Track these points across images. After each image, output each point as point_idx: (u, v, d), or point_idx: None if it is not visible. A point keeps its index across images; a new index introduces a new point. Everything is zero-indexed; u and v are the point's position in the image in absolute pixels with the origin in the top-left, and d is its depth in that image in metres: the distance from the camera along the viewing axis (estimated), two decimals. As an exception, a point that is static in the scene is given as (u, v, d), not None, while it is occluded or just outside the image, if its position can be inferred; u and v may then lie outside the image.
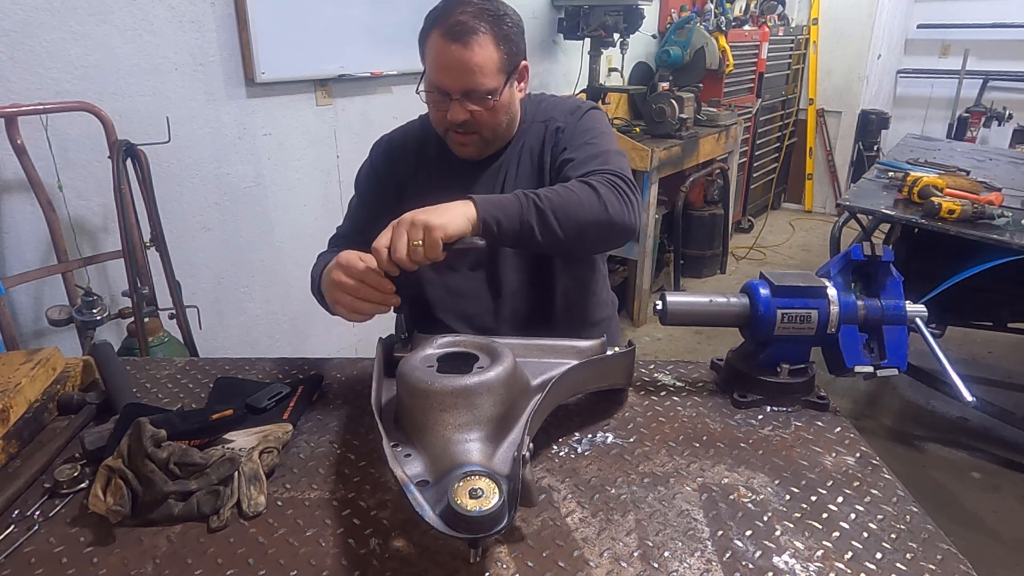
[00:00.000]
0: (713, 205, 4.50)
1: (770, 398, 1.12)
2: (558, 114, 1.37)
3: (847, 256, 1.12)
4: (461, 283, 1.37)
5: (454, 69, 1.19)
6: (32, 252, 1.89)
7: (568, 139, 1.31)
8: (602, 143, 1.29)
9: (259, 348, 2.54)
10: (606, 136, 1.32)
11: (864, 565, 0.79)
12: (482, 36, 1.18)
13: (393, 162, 1.41)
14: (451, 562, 0.79)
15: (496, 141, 1.33)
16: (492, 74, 1.21)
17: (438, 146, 1.38)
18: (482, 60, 1.19)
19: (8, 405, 1.00)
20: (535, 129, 1.37)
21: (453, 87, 1.21)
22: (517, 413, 0.92)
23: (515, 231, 1.08)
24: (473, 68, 1.18)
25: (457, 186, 1.35)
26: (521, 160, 1.36)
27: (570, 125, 1.33)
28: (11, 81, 1.75)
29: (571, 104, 1.40)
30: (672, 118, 3.74)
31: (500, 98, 1.24)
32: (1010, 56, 5.77)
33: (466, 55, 1.18)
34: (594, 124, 1.33)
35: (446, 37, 1.18)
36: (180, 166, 2.17)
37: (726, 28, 4.55)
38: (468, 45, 1.17)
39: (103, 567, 0.79)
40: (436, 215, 1.02)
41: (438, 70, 1.21)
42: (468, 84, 1.20)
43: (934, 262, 2.35)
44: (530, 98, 1.39)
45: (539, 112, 1.38)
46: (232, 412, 0.96)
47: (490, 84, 1.21)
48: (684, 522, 0.86)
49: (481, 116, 1.24)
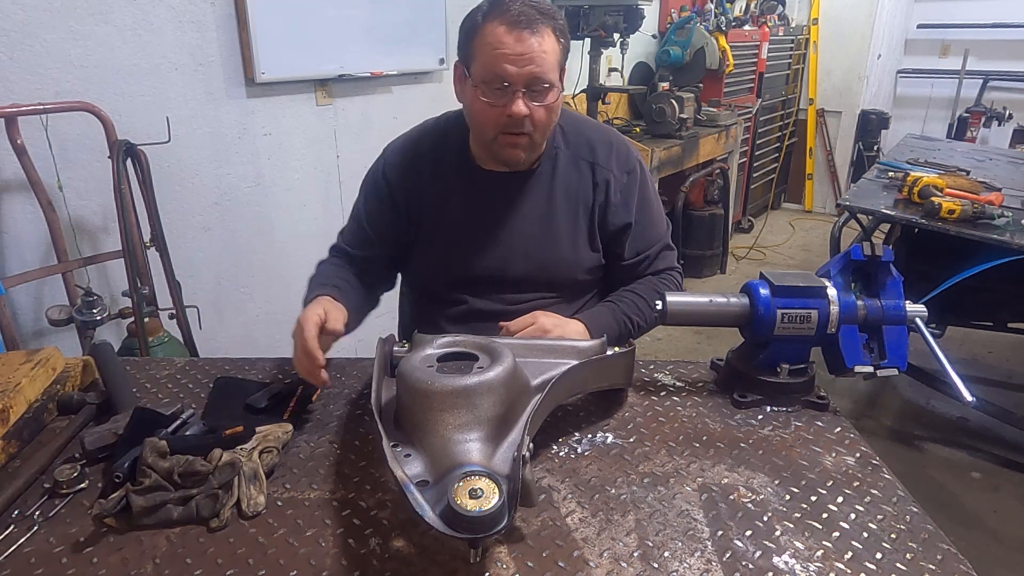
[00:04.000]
0: (713, 205, 4.50)
1: (770, 398, 1.12)
2: (603, 158, 1.36)
3: (847, 256, 1.12)
4: (482, 304, 1.37)
5: (521, 56, 1.15)
6: (32, 252, 1.89)
7: (631, 211, 1.37)
8: (662, 224, 1.44)
9: (259, 348, 2.53)
10: (659, 206, 1.44)
11: (864, 565, 0.79)
12: (545, 27, 1.17)
13: (406, 169, 1.37)
14: (451, 562, 0.79)
15: (538, 148, 1.29)
16: (553, 67, 1.19)
17: (458, 154, 1.34)
18: (548, 49, 1.17)
19: (8, 405, 1.00)
20: (574, 163, 1.35)
21: (518, 76, 1.16)
22: (517, 413, 0.92)
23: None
24: (540, 56, 1.15)
25: (478, 199, 1.34)
26: (555, 190, 1.34)
27: (628, 188, 1.37)
28: (11, 81, 1.75)
29: (617, 149, 1.38)
30: (672, 118, 3.74)
31: (557, 96, 1.22)
32: (1010, 56, 5.76)
33: (535, 42, 1.15)
34: (651, 195, 1.42)
35: (511, 26, 1.15)
36: (180, 166, 2.17)
37: (726, 28, 4.54)
38: (535, 33, 1.15)
39: (103, 567, 0.79)
40: (561, 330, 1.22)
41: (502, 59, 1.15)
42: (534, 73, 1.16)
43: (934, 262, 2.35)
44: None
45: (576, 141, 1.36)
46: (242, 429, 0.95)
47: (552, 76, 1.19)
48: (684, 522, 0.86)
49: (539, 114, 1.20)
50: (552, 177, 1.34)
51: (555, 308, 1.36)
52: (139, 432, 0.95)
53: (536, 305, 1.35)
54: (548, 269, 1.35)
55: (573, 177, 1.35)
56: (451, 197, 1.35)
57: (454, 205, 1.35)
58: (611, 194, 1.35)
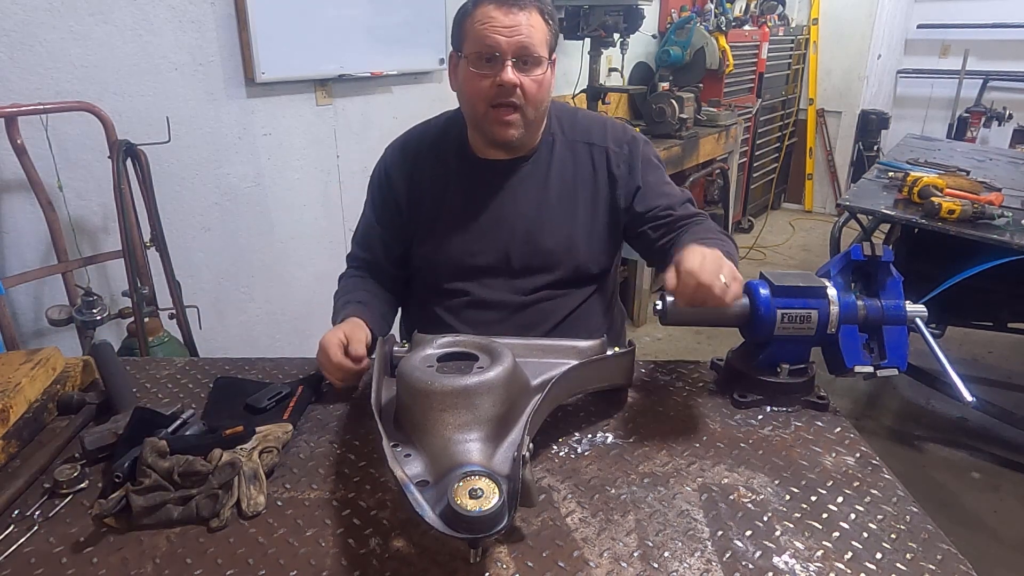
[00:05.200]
0: (713, 205, 4.50)
1: (770, 398, 1.12)
2: (599, 136, 1.37)
3: (847, 256, 1.12)
4: (486, 294, 1.37)
5: (510, 28, 1.20)
6: (32, 252, 1.89)
7: (637, 176, 1.36)
8: (676, 189, 1.41)
9: (259, 348, 2.53)
10: (667, 176, 1.42)
11: (864, 565, 0.79)
12: (532, 7, 1.22)
13: (407, 164, 1.39)
14: (451, 562, 0.79)
15: (532, 128, 1.31)
16: (542, 43, 1.23)
17: (457, 146, 1.37)
18: (535, 25, 1.22)
19: (8, 405, 1.00)
20: (570, 147, 1.37)
21: (507, 46, 1.20)
22: (517, 413, 0.92)
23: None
24: (527, 28, 1.21)
25: (477, 187, 1.35)
26: (551, 175, 1.35)
27: (630, 157, 1.37)
28: (11, 81, 1.75)
29: (611, 126, 1.40)
30: (672, 118, 3.74)
31: (546, 74, 1.25)
32: (1010, 56, 5.76)
33: (521, 16, 1.21)
34: (657, 162, 1.41)
35: (499, 5, 1.21)
36: (180, 166, 2.17)
37: (726, 28, 4.55)
38: (523, 9, 1.21)
39: (103, 567, 0.79)
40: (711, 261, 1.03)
41: (490, 33, 1.20)
42: (522, 43, 1.21)
43: (934, 262, 2.35)
44: (552, 104, 1.37)
45: (571, 127, 1.38)
46: (242, 429, 0.96)
47: (541, 51, 1.23)
48: (684, 522, 0.86)
49: (529, 87, 1.23)
50: (549, 162, 1.36)
51: (559, 299, 1.36)
52: (139, 432, 0.95)
53: (539, 295, 1.35)
54: (549, 256, 1.35)
55: (570, 161, 1.36)
56: (450, 187, 1.36)
57: (453, 194, 1.36)
58: (612, 167, 1.36)
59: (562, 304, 1.37)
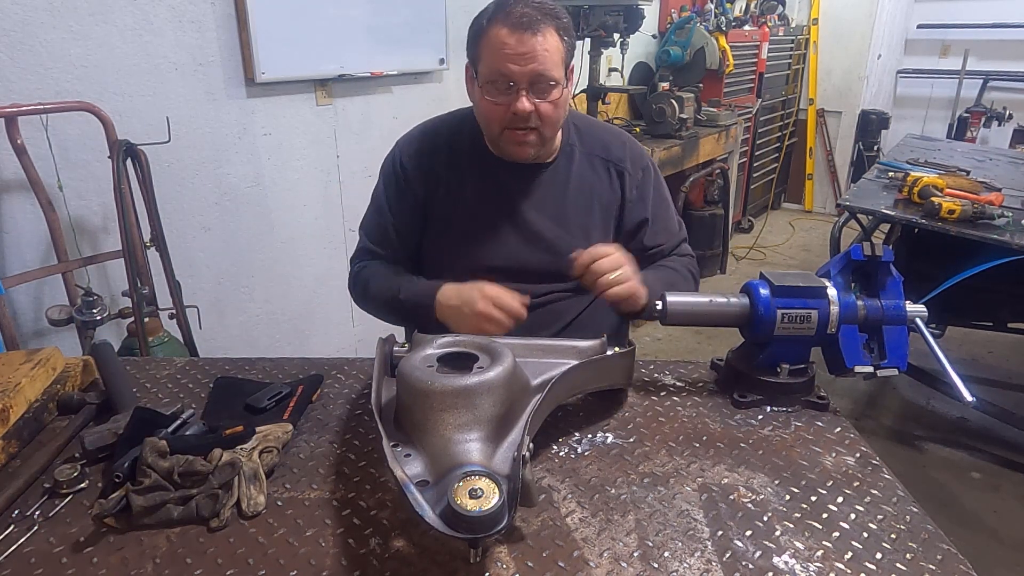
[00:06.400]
0: (713, 205, 4.50)
1: (770, 398, 1.12)
2: (618, 156, 1.39)
3: (847, 256, 1.12)
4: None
5: (523, 56, 1.18)
6: (32, 252, 1.89)
7: (647, 206, 1.41)
8: (677, 223, 1.48)
9: (259, 348, 2.53)
10: (672, 206, 1.49)
11: (864, 565, 0.79)
12: (548, 27, 1.20)
13: (421, 157, 1.38)
14: (451, 562, 0.79)
15: (548, 143, 1.32)
16: (557, 64, 1.22)
17: (472, 144, 1.36)
18: (550, 47, 1.20)
19: (8, 405, 1.00)
20: (589, 161, 1.38)
21: (521, 75, 1.19)
22: (517, 413, 0.92)
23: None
24: (542, 55, 1.19)
25: (492, 187, 1.35)
26: (570, 184, 1.36)
27: (643, 185, 1.41)
28: (11, 81, 1.75)
29: (630, 148, 1.42)
30: (672, 118, 3.74)
31: (563, 93, 1.24)
32: (1010, 56, 5.76)
33: (536, 41, 1.18)
34: (665, 193, 1.47)
35: (513, 27, 1.18)
36: (180, 166, 2.17)
37: (726, 28, 4.55)
38: (537, 33, 1.18)
39: (103, 567, 0.79)
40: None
41: (505, 60, 1.19)
42: (537, 71, 1.19)
43: (934, 262, 2.35)
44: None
45: (590, 140, 1.40)
46: (242, 429, 0.96)
47: (556, 74, 1.21)
48: (684, 522, 0.86)
49: (544, 109, 1.23)
50: (568, 171, 1.37)
51: (568, 301, 1.36)
52: (139, 432, 0.95)
53: (550, 298, 1.35)
54: (562, 261, 1.35)
55: (588, 173, 1.37)
56: (465, 185, 1.36)
57: (468, 193, 1.36)
58: (627, 190, 1.39)
59: (572, 306, 1.37)
